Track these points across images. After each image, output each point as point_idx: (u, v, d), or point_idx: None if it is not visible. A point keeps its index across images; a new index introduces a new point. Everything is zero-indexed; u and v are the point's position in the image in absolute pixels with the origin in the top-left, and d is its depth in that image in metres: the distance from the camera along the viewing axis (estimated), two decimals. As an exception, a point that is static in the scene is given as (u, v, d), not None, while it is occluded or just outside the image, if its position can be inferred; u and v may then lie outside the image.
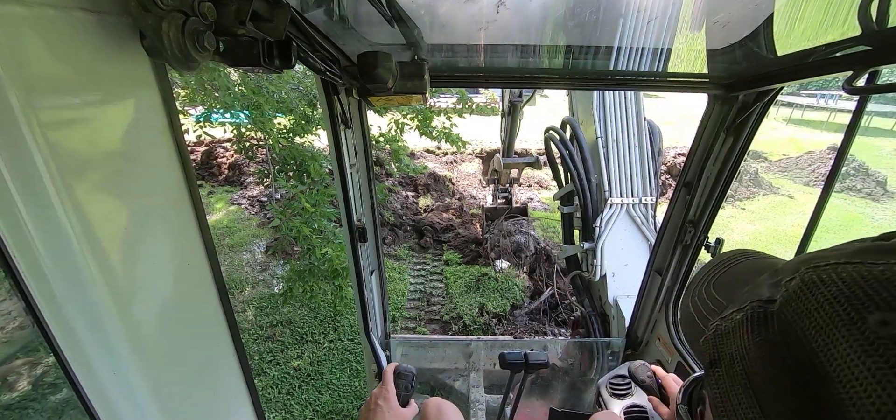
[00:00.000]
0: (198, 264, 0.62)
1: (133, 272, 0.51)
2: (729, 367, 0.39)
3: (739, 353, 0.38)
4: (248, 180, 9.17)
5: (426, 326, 5.05)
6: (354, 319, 4.97)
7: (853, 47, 0.91)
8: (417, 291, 5.79)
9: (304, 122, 4.91)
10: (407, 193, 8.67)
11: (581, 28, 1.13)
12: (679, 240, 1.79)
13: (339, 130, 1.37)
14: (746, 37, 1.12)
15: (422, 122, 5.61)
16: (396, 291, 5.66)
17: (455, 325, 4.99)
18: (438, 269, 6.22)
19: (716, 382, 0.40)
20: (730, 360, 0.39)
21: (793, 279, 0.35)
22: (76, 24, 0.41)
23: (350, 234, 1.60)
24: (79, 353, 0.45)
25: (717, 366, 0.40)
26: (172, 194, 0.56)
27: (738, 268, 0.54)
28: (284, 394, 4.06)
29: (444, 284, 5.84)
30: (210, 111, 4.95)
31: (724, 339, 0.40)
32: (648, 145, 3.27)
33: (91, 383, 0.47)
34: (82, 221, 0.43)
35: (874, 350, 0.26)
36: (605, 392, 1.73)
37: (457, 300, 5.34)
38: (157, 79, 0.51)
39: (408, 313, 5.31)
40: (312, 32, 0.78)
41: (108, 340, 0.48)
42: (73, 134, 0.42)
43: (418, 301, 5.58)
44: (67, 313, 0.44)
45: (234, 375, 0.74)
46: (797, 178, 11.59)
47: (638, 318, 2.18)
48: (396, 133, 5.66)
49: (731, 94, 1.40)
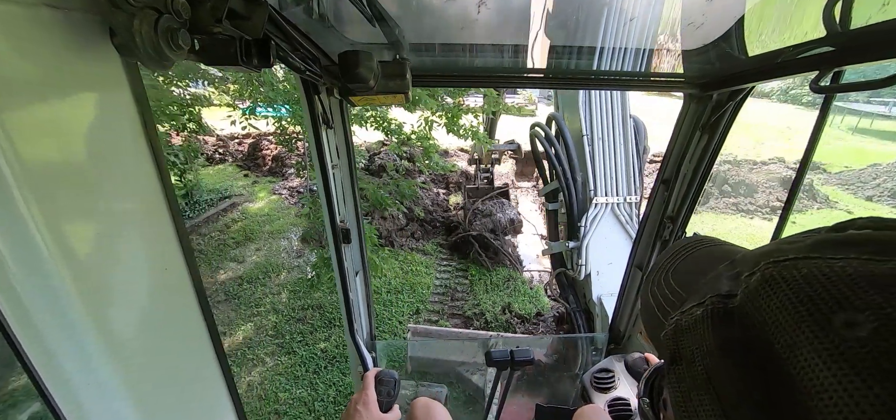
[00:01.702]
0: (175, 269, 0.60)
1: (107, 279, 0.49)
2: (689, 365, 0.37)
3: (700, 351, 0.36)
4: (289, 172, 9.51)
5: (448, 320, 5.20)
6: (380, 309, 5.22)
7: (819, 48, 0.95)
8: (443, 286, 5.89)
9: None
10: (438, 190, 8.86)
11: (562, 28, 1.15)
12: (658, 235, 1.84)
13: (320, 130, 1.35)
14: (719, 38, 1.15)
15: (450, 120, 5.71)
16: (422, 285, 5.82)
17: (477, 321, 5.12)
18: (464, 265, 6.34)
19: (677, 380, 0.39)
20: (690, 357, 0.37)
21: (753, 274, 0.34)
22: (41, 21, 0.39)
23: (333, 235, 1.58)
24: (50, 364, 0.44)
25: (678, 363, 0.39)
26: (147, 197, 0.55)
27: (697, 255, 0.52)
28: (311, 372, 4.29)
29: (468, 281, 5.97)
30: (255, 105, 5.09)
31: (684, 335, 0.39)
32: (633, 143, 3.31)
33: (64, 394, 0.46)
34: (51, 228, 0.41)
35: (841, 355, 0.25)
36: (590, 386, 1.76)
37: (480, 297, 5.48)
38: (129, 78, 0.50)
39: (432, 306, 5.45)
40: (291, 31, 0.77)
41: (83, 350, 0.46)
42: (40, 137, 0.41)
43: (443, 295, 5.70)
44: (38, 322, 0.42)
45: (216, 381, 0.73)
46: (858, 191, 10.77)
47: (620, 313, 2.23)
48: (426, 131, 5.73)
49: (706, 94, 1.45)
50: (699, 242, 0.54)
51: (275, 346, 4.67)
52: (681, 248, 0.55)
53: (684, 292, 0.47)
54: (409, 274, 6.01)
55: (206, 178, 8.68)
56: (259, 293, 5.54)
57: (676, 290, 0.49)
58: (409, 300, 5.48)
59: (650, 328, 0.53)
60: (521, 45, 1.28)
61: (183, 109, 6.29)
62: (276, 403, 3.96)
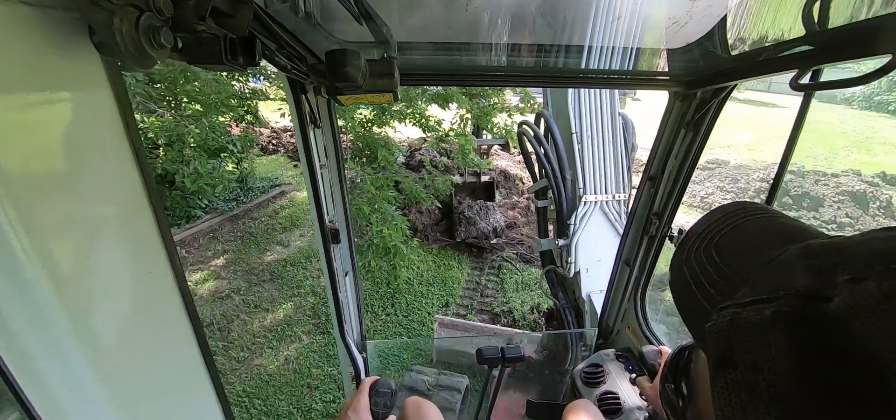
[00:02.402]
0: (160, 272, 0.59)
1: (89, 283, 0.48)
2: (749, 374, 0.30)
3: (766, 362, 0.29)
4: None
5: (476, 316, 5.34)
6: (410, 298, 5.48)
7: (798, 47, 0.97)
8: (472, 282, 5.99)
9: (382, 112, 5.35)
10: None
11: (550, 26, 1.16)
12: (645, 231, 1.87)
13: (307, 130, 1.34)
14: (703, 37, 1.17)
15: (483, 117, 5.81)
16: (453, 279, 5.99)
17: (505, 318, 5.22)
18: (496, 263, 6.41)
19: (726, 387, 0.32)
20: (751, 364, 0.30)
21: (863, 282, 0.26)
22: (17, 18, 0.38)
23: (322, 235, 1.57)
24: (29, 370, 0.42)
25: (731, 368, 0.32)
26: (130, 200, 0.53)
27: (748, 227, 0.43)
28: (342, 353, 4.60)
29: (499, 278, 6.05)
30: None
31: (743, 336, 0.31)
32: (622, 140, 3.31)
33: (43, 401, 0.44)
34: (30, 231, 0.40)
35: None
36: (580, 381, 1.78)
37: (510, 295, 5.58)
38: (110, 78, 0.49)
39: (461, 301, 5.60)
40: (277, 29, 0.76)
41: (63, 355, 0.45)
42: (17, 138, 0.40)
43: (473, 290, 5.80)
44: (16, 329, 0.41)
45: (203, 384, 0.72)
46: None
47: (608, 309, 2.26)
48: (462, 128, 5.81)
49: (690, 92, 1.47)
50: (747, 210, 0.46)
51: (311, 326, 5.00)
52: (725, 214, 0.46)
53: (732, 272, 0.40)
54: (441, 267, 6.20)
55: (260, 167, 8.94)
56: (300, 275, 5.88)
57: (722, 267, 0.41)
58: (439, 293, 5.67)
59: (684, 308, 0.45)
60: (508, 44, 1.28)
61: (242, 102, 6.71)
62: (309, 378, 4.31)
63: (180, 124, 5.52)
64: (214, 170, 5.98)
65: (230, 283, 5.74)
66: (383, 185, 5.05)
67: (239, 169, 7.53)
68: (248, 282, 5.80)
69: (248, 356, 4.62)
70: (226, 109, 6.06)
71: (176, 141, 5.52)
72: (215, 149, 6.23)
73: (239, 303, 5.41)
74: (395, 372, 4.21)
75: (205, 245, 6.59)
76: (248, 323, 5.10)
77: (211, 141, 5.91)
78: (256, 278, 5.88)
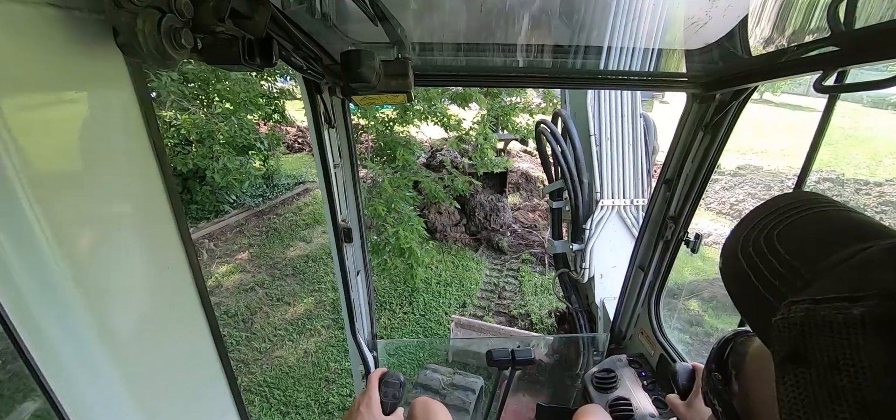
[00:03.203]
0: (177, 267, 0.60)
1: (109, 277, 0.49)
2: (826, 374, 0.29)
3: (850, 365, 0.28)
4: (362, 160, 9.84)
5: (494, 318, 5.37)
6: (427, 297, 5.59)
7: (823, 48, 0.94)
8: (491, 284, 6.00)
9: (404, 111, 5.44)
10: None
11: (566, 27, 1.15)
12: (660, 235, 1.83)
13: (322, 130, 1.35)
14: (722, 37, 1.15)
15: (503, 117, 5.84)
16: (471, 280, 6.04)
17: (522, 321, 5.23)
18: (515, 266, 6.41)
19: (797, 383, 0.31)
20: (829, 364, 0.29)
21: None
22: (46, 20, 0.39)
23: (335, 234, 1.58)
24: (52, 361, 0.44)
25: (803, 365, 0.31)
26: (150, 196, 0.55)
27: (815, 217, 0.42)
28: (359, 348, 4.74)
29: (517, 281, 6.05)
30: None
31: (820, 335, 0.30)
32: (643, 143, 3.15)
33: (66, 391, 0.46)
34: (54, 226, 0.41)
35: None
36: (591, 386, 1.76)
37: (528, 298, 5.59)
38: (132, 78, 0.50)
39: (478, 302, 5.65)
40: (294, 30, 0.77)
41: (84, 346, 0.46)
42: (44, 136, 0.41)
43: (490, 293, 5.81)
44: (39, 320, 0.42)
45: (217, 379, 0.73)
46: None
47: (621, 314, 2.22)
48: (483, 128, 5.93)
49: (709, 93, 1.44)
50: (809, 201, 0.44)
51: (330, 321, 5.11)
52: (787, 206, 0.45)
53: (800, 264, 0.38)
54: (460, 268, 6.26)
55: (286, 165, 9.19)
56: (321, 271, 6.03)
57: (786, 258, 0.40)
58: (456, 293, 5.73)
59: (740, 297, 0.44)
60: (524, 44, 1.27)
61: (270, 101, 6.88)
62: (326, 371, 4.43)
63: (211, 121, 5.72)
64: (242, 166, 6.19)
65: (254, 277, 5.93)
66: (401, 184, 5.12)
67: (265, 166, 7.78)
68: (271, 275, 5.98)
69: (269, 347, 4.77)
70: (254, 108, 6.26)
71: (206, 137, 5.73)
72: (243, 146, 6.44)
73: (262, 295, 5.59)
74: (409, 370, 4.28)
75: (231, 238, 6.84)
76: (270, 315, 5.26)
77: (239, 138, 6.11)
78: (279, 272, 6.06)
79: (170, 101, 5.22)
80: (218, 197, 6.99)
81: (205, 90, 5.90)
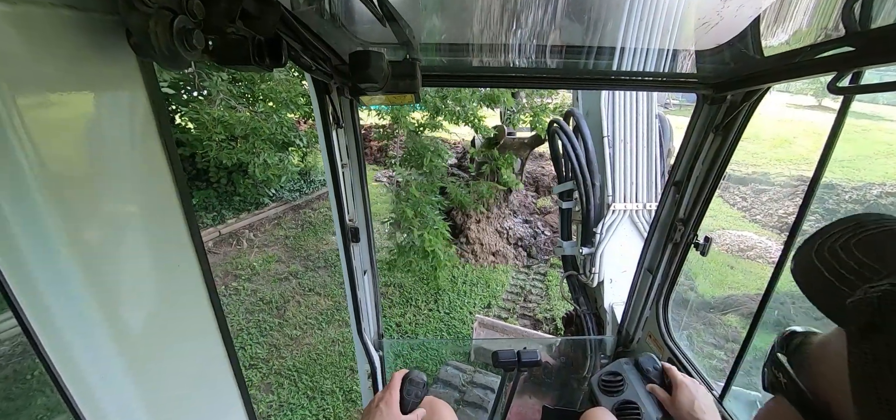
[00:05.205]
0: (187, 266, 0.61)
1: (120, 275, 0.50)
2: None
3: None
4: (392, 162, 10.16)
5: (518, 320, 5.43)
6: (453, 296, 5.74)
7: (837, 48, 0.92)
8: (517, 287, 6.05)
9: (436, 113, 5.58)
10: (527, 193, 9.06)
11: (575, 28, 1.14)
12: (669, 238, 1.81)
13: (330, 130, 1.36)
14: (734, 38, 1.13)
15: (534, 117, 5.90)
16: (497, 282, 6.13)
17: (547, 325, 5.26)
18: (543, 270, 6.44)
19: (872, 348, 0.38)
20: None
21: None
22: (61, 21, 0.40)
23: (342, 234, 1.59)
24: (66, 357, 0.45)
25: (880, 333, 0.37)
26: (161, 196, 0.56)
27: (882, 234, 0.49)
28: (384, 341, 4.88)
29: (544, 285, 6.09)
30: (363, 100, 5.76)
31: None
32: (658, 145, 3.05)
33: (79, 387, 0.47)
34: (68, 224, 0.42)
35: None
36: (598, 389, 1.74)
37: (555, 302, 5.62)
38: (145, 78, 0.51)
39: (503, 303, 5.72)
40: (302, 31, 0.78)
41: (96, 344, 0.47)
42: (58, 134, 0.42)
43: (516, 295, 5.86)
44: (54, 317, 0.43)
45: (226, 377, 0.74)
46: None
47: (629, 317, 2.20)
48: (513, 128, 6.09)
49: (720, 95, 1.42)
50: (879, 219, 0.51)
51: None
52: (859, 222, 0.52)
53: (876, 263, 0.45)
54: (487, 269, 6.37)
55: (321, 162, 9.34)
56: None
57: (863, 259, 0.47)
58: (482, 294, 5.83)
59: (816, 291, 0.50)
60: (534, 45, 1.27)
61: (309, 100, 6.84)
62: (352, 361, 4.55)
63: (254, 119, 5.95)
64: (281, 162, 6.41)
65: (288, 267, 6.18)
66: (428, 189, 5.33)
67: (303, 162, 7.99)
68: (304, 266, 6.22)
69: (299, 335, 4.96)
70: (295, 107, 6.47)
71: (250, 134, 5.96)
72: (283, 142, 6.65)
73: (295, 285, 5.81)
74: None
75: (269, 230, 7.16)
76: (302, 304, 5.48)
77: (279, 135, 6.32)
78: (312, 264, 6.29)
79: (219, 99, 5.46)
80: (259, 190, 7.31)
81: (250, 89, 6.16)
